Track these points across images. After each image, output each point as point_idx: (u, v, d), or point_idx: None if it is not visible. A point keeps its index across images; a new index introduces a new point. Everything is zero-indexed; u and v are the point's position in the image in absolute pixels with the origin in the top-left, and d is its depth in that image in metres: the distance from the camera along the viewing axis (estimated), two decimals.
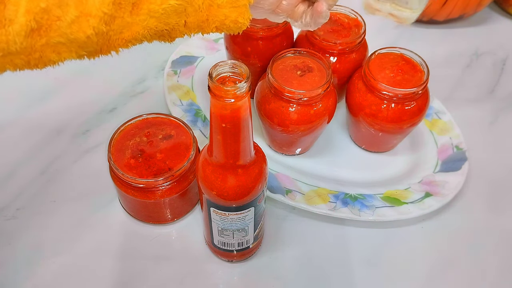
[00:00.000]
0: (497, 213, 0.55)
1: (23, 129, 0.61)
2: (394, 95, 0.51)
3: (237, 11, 0.39)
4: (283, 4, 0.42)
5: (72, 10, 0.32)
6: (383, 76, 0.53)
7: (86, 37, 0.34)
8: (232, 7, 0.38)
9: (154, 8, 0.35)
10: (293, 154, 0.59)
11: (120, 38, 0.36)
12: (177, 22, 0.37)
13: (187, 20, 0.38)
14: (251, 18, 0.40)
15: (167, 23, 0.37)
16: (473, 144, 0.60)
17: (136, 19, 0.35)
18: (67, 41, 0.34)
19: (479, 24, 0.81)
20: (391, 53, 0.55)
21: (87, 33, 0.33)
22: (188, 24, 0.38)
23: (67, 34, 0.33)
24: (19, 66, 0.34)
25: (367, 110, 0.53)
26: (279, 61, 0.53)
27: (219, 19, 0.39)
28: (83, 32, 0.33)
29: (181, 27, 0.38)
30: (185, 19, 0.38)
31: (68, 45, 0.34)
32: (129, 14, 0.35)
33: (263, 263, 0.50)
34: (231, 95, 0.33)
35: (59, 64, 0.36)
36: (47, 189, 0.55)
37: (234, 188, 0.40)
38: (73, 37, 0.33)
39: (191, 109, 0.61)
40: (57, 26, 0.32)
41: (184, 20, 0.38)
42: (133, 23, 0.36)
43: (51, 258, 0.49)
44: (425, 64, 0.53)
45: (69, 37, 0.33)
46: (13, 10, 0.31)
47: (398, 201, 0.53)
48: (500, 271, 0.51)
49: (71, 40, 0.34)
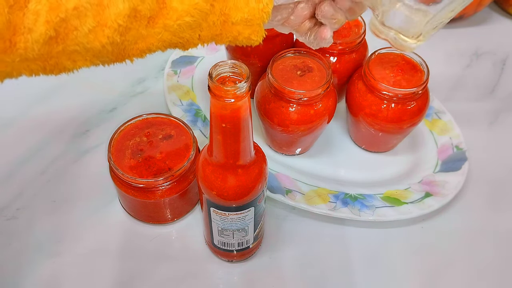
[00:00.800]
0: (497, 213, 0.55)
1: (23, 129, 0.61)
2: (394, 95, 0.51)
3: (251, 29, 0.39)
4: (290, 19, 0.43)
5: (90, 20, 0.33)
6: (383, 76, 0.53)
7: (101, 46, 0.34)
8: (246, 25, 0.39)
9: (169, 23, 0.36)
10: (293, 154, 0.59)
11: (134, 48, 0.37)
12: (191, 35, 0.38)
13: (201, 34, 0.38)
14: (264, 36, 0.40)
15: (182, 37, 0.38)
16: (473, 144, 0.60)
17: (151, 31, 0.36)
18: (83, 49, 0.34)
19: (479, 24, 0.81)
20: (391, 53, 0.55)
21: (102, 43, 0.34)
22: (202, 38, 0.39)
23: (83, 44, 0.34)
24: (34, 71, 0.35)
25: (367, 110, 0.53)
26: (279, 61, 0.53)
27: (232, 35, 0.39)
28: (99, 42, 0.34)
29: (195, 40, 0.39)
30: (199, 33, 0.38)
31: (83, 53, 0.35)
32: (144, 27, 0.35)
33: (263, 263, 0.50)
34: (231, 95, 0.33)
35: (74, 71, 0.36)
36: (47, 189, 0.55)
37: (234, 188, 0.40)
38: (89, 46, 0.34)
39: (191, 109, 0.61)
40: (74, 35, 0.33)
41: (198, 34, 0.38)
42: (148, 35, 0.36)
43: (51, 258, 0.49)
44: (425, 64, 0.53)
45: (85, 46, 0.34)
46: (33, 19, 0.31)
47: (398, 201, 0.53)
48: (500, 271, 0.51)
49: (87, 49, 0.34)
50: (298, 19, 0.43)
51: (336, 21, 0.42)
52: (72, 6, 0.32)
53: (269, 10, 0.38)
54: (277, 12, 0.40)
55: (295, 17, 0.42)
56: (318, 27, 0.43)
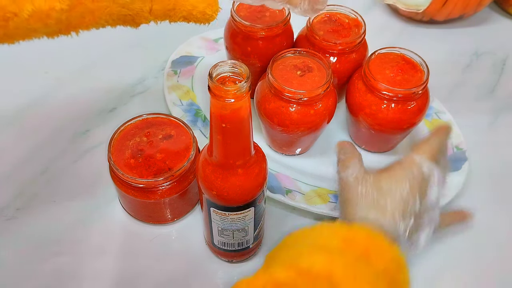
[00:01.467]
0: (497, 213, 0.55)
1: (23, 129, 0.61)
2: (394, 95, 0.51)
3: (205, 2, 0.38)
4: None
5: (28, 5, 0.31)
6: (383, 76, 0.53)
7: (44, 26, 0.33)
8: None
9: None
10: (293, 154, 0.59)
11: (81, 22, 0.35)
12: (141, 8, 0.37)
13: (152, 7, 0.37)
14: (219, 11, 0.39)
15: (131, 9, 0.36)
16: (473, 144, 0.60)
17: (98, 5, 0.34)
18: (26, 30, 0.33)
19: (479, 24, 0.81)
20: (391, 53, 0.55)
21: (46, 23, 0.33)
22: (154, 12, 0.38)
23: (25, 27, 0.32)
24: None
25: (367, 110, 0.53)
26: (279, 61, 0.53)
27: (186, 9, 0.38)
28: (42, 23, 0.32)
29: (146, 13, 0.37)
30: (150, 6, 0.37)
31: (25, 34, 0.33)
32: (91, 1, 0.34)
33: (263, 263, 0.50)
34: (231, 95, 0.33)
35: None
36: (47, 189, 0.55)
37: (234, 188, 0.40)
38: (32, 27, 0.33)
39: (191, 109, 0.61)
40: (15, 22, 0.32)
41: (149, 7, 0.37)
42: (95, 9, 0.35)
43: (51, 258, 0.49)
44: (425, 64, 0.53)
45: (28, 28, 0.33)
46: None
47: None
48: (500, 271, 0.51)
49: (29, 29, 0.33)
50: None
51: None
52: None
53: None
54: None
55: None
56: None
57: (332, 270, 0.34)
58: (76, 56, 0.68)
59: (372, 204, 0.41)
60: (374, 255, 0.37)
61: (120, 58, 0.71)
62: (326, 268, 0.35)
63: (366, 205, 0.41)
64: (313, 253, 0.37)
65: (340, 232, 0.39)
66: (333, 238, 0.38)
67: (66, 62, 0.69)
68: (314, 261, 0.35)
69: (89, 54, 0.69)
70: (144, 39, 0.71)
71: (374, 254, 0.37)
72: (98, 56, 0.70)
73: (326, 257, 0.36)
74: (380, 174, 0.43)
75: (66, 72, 0.67)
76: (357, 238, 0.38)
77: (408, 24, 0.80)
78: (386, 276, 0.37)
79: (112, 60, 0.70)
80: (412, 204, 0.41)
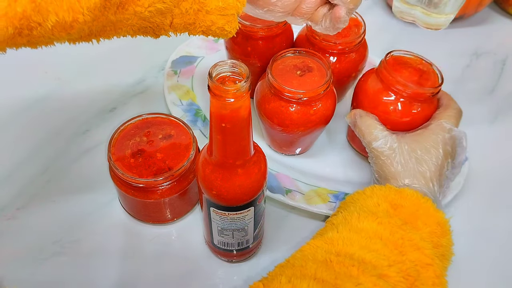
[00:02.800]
0: (497, 213, 0.55)
1: (23, 129, 0.61)
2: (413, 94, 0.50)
3: (225, 19, 0.38)
4: (302, 8, 0.42)
5: (52, 16, 0.32)
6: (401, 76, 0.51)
7: (67, 35, 0.33)
8: (220, 15, 0.38)
9: (140, 10, 0.35)
10: (293, 154, 0.59)
11: (102, 32, 0.36)
12: (162, 21, 0.37)
13: (173, 21, 0.38)
14: (237, 28, 0.40)
15: (152, 22, 0.37)
16: (473, 144, 0.60)
17: (120, 17, 0.35)
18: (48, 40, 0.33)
19: (479, 24, 0.81)
20: (404, 56, 0.54)
21: (69, 33, 0.33)
22: (174, 25, 0.38)
23: (48, 36, 0.33)
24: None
25: (381, 107, 0.52)
26: (279, 61, 0.53)
27: (206, 24, 0.39)
28: (65, 33, 0.33)
29: (167, 26, 0.38)
30: (171, 20, 0.38)
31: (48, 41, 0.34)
32: (113, 13, 0.34)
33: (263, 263, 0.50)
34: (231, 94, 0.33)
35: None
36: (47, 189, 0.55)
37: (234, 188, 0.40)
38: (54, 37, 0.33)
39: (191, 109, 0.61)
40: (38, 31, 0.32)
41: (170, 21, 0.38)
42: (117, 21, 0.35)
43: (51, 258, 0.49)
44: (439, 70, 0.52)
45: (50, 37, 0.33)
46: None
47: None
48: (500, 271, 0.51)
49: (51, 39, 0.34)
50: (309, 7, 0.42)
51: (351, 0, 0.41)
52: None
53: (244, 1, 0.38)
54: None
55: (307, 4, 0.42)
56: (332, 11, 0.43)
57: (381, 233, 0.39)
58: (76, 56, 0.68)
59: (413, 172, 0.45)
60: (421, 219, 0.42)
61: (120, 58, 0.71)
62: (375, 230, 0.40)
63: (409, 174, 0.45)
64: (363, 216, 0.41)
65: (389, 196, 0.43)
66: (383, 202, 0.43)
67: (66, 62, 0.69)
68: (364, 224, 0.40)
69: (89, 54, 0.69)
70: (144, 39, 0.71)
71: (421, 218, 0.42)
72: (98, 56, 0.70)
73: (374, 220, 0.41)
74: (413, 143, 0.47)
75: (66, 72, 0.67)
76: (406, 203, 0.43)
77: (408, 24, 0.80)
78: (431, 240, 0.41)
79: (112, 60, 0.70)
80: (446, 168, 0.47)
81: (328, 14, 0.43)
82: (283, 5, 0.41)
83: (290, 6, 0.41)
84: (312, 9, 0.42)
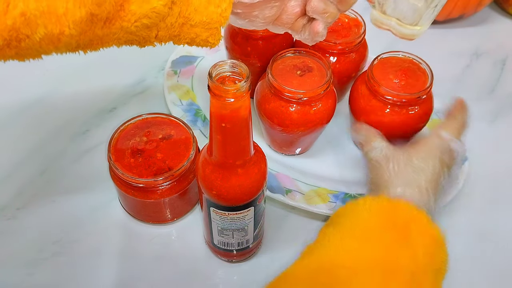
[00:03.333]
0: (497, 213, 0.55)
1: (23, 129, 0.61)
2: (398, 100, 0.51)
3: (208, 32, 0.40)
4: (283, 18, 0.43)
5: (41, 29, 0.33)
6: (387, 81, 0.52)
7: (54, 48, 0.35)
8: (204, 28, 0.39)
9: (126, 25, 0.36)
10: (293, 154, 0.59)
11: (88, 45, 0.37)
12: (148, 34, 0.38)
13: (158, 34, 0.39)
14: (221, 39, 0.41)
15: (138, 35, 0.38)
16: (473, 144, 0.60)
17: (107, 31, 0.36)
18: (36, 52, 0.35)
19: (479, 24, 0.81)
20: (394, 57, 0.55)
21: (56, 46, 0.34)
22: (160, 37, 0.39)
23: (36, 49, 0.34)
24: None
25: (371, 115, 0.53)
26: (279, 61, 0.53)
27: (190, 36, 0.40)
28: (53, 46, 0.34)
29: (152, 38, 0.39)
30: (157, 33, 0.39)
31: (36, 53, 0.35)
32: (100, 28, 0.35)
33: (263, 263, 0.50)
34: (231, 94, 0.33)
35: None
36: (47, 189, 0.55)
37: (234, 188, 0.40)
38: (42, 50, 0.34)
39: (191, 109, 0.61)
40: (26, 43, 0.33)
41: (155, 34, 0.39)
42: (103, 35, 0.36)
43: (51, 258, 0.49)
44: (429, 68, 0.53)
45: (38, 50, 0.34)
46: None
47: None
48: (500, 271, 0.50)
49: (39, 51, 0.35)
50: (290, 17, 0.43)
51: (328, 14, 0.42)
52: (19, 12, 0.31)
53: (227, 15, 0.39)
54: (253, 9, 0.40)
55: (287, 15, 0.42)
56: (311, 23, 0.43)
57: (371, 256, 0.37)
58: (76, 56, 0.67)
59: (407, 181, 0.44)
60: (415, 232, 0.40)
61: (120, 58, 0.70)
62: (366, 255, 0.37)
63: (402, 182, 0.44)
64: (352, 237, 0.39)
65: (381, 209, 0.41)
66: (373, 216, 0.41)
67: (65, 62, 0.69)
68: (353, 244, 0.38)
69: (89, 54, 0.69)
70: None
71: (415, 232, 0.40)
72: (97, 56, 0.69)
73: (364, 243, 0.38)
74: (410, 152, 0.46)
75: (66, 72, 0.67)
76: (398, 215, 0.41)
77: None
78: (426, 255, 0.39)
79: (112, 60, 0.70)
80: (442, 179, 0.45)
81: (308, 25, 0.43)
82: (264, 17, 0.41)
83: (271, 18, 0.42)
84: (292, 19, 0.43)
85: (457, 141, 0.47)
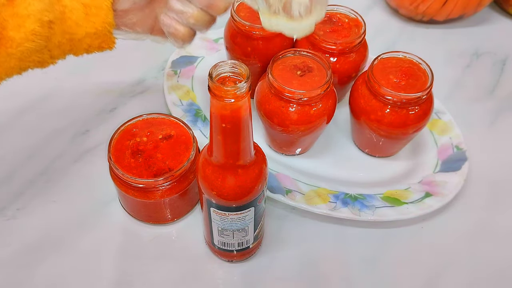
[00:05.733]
0: (497, 213, 0.55)
1: (23, 129, 0.61)
2: (399, 100, 0.51)
3: (99, 39, 0.40)
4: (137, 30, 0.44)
5: None
6: (387, 81, 0.52)
7: None
8: (93, 38, 0.40)
9: (12, 51, 0.36)
10: (293, 154, 0.59)
11: None
12: (41, 57, 0.38)
13: (52, 53, 0.39)
14: (116, 42, 0.41)
15: (31, 60, 0.38)
16: (473, 144, 0.60)
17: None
18: None
19: (479, 24, 0.81)
20: (394, 57, 0.55)
21: None
22: (55, 55, 0.39)
23: None
24: None
25: (372, 115, 0.53)
26: (279, 61, 0.53)
27: (84, 47, 0.40)
28: None
29: (48, 59, 0.39)
30: (49, 53, 0.39)
31: None
32: None
33: (263, 263, 0.50)
34: (231, 95, 0.33)
35: None
36: (47, 189, 0.55)
37: (234, 188, 0.40)
38: None
39: (191, 109, 0.61)
40: None
41: (48, 54, 0.39)
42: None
43: (51, 258, 0.49)
44: (429, 68, 0.53)
45: None
46: None
47: (398, 201, 0.53)
48: (500, 271, 0.51)
49: None
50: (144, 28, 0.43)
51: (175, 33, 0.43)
52: None
53: (110, 20, 0.39)
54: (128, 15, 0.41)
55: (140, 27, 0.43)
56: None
57: None
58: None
59: None
60: None
61: (120, 58, 0.70)
62: None
63: None
64: None
65: None
66: None
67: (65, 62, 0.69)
68: None
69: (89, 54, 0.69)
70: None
71: None
72: (97, 56, 0.70)
73: None
74: None
75: (66, 72, 0.67)
76: None
77: (408, 24, 0.80)
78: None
79: (112, 60, 0.70)
80: None
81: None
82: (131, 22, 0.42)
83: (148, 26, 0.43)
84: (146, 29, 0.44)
85: None
